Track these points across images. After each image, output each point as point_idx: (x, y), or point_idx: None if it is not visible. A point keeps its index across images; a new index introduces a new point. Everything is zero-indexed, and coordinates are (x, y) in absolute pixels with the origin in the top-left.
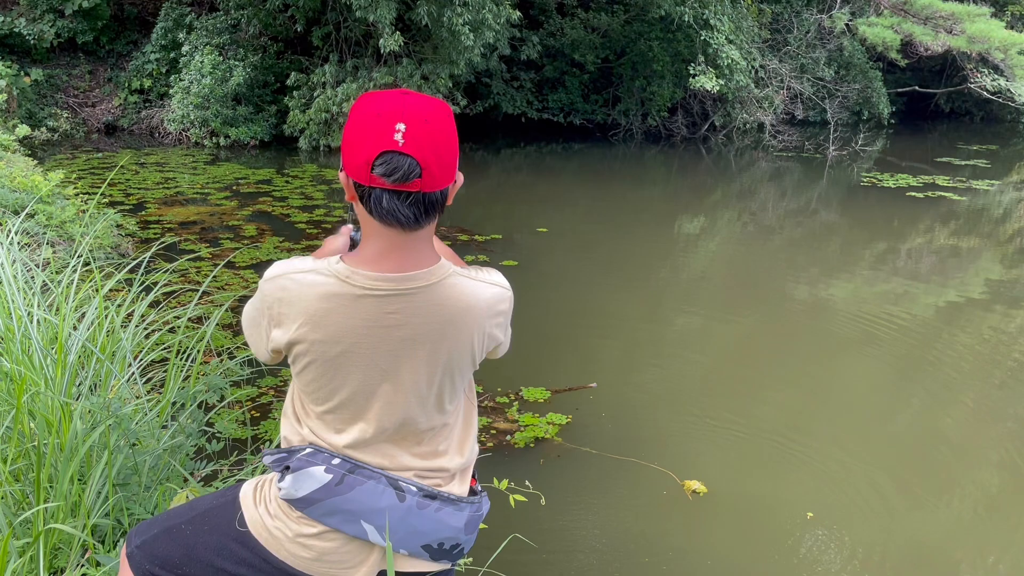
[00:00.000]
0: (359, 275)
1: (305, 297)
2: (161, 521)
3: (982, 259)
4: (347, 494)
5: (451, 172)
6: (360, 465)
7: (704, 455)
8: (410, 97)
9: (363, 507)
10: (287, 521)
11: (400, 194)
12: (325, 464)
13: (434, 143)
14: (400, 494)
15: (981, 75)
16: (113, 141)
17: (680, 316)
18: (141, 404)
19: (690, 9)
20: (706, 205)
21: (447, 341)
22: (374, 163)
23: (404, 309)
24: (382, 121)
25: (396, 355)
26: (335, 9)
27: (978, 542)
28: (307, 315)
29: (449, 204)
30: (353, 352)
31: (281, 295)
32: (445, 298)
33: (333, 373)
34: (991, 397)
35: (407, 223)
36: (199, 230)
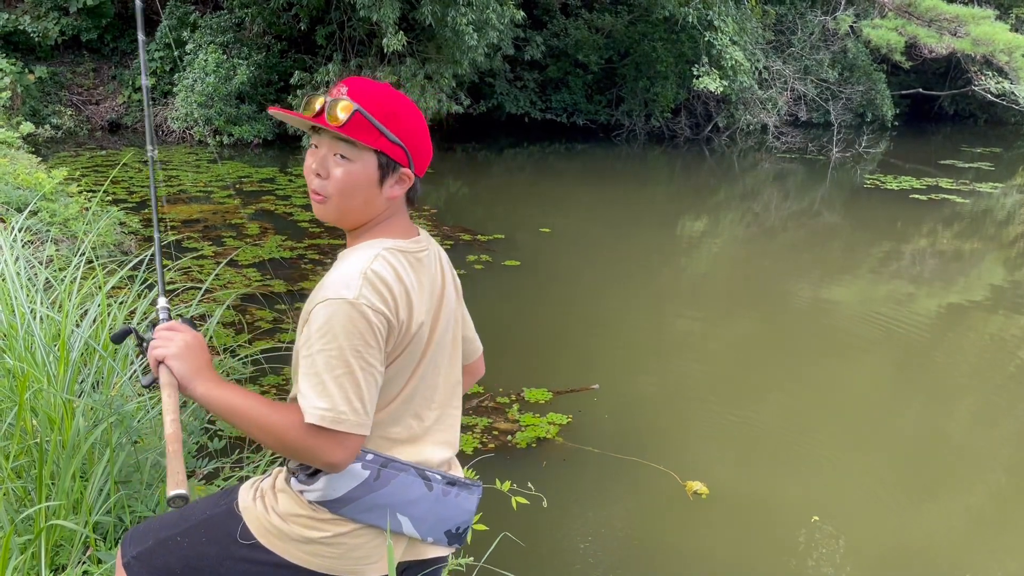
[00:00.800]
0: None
1: (394, 276)
2: (154, 531)
3: (985, 262)
4: (383, 489)
5: None
6: (391, 458)
7: (706, 456)
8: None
9: (398, 500)
10: (316, 523)
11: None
12: (360, 461)
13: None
14: (428, 484)
15: (985, 78)
16: (116, 139)
17: (682, 317)
18: (143, 402)
19: (694, 10)
20: (709, 206)
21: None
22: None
23: (437, 265)
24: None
25: (450, 306)
26: (339, 8)
27: (983, 545)
28: (405, 289)
29: None
30: (441, 313)
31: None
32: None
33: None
34: (994, 400)
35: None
36: (202, 228)
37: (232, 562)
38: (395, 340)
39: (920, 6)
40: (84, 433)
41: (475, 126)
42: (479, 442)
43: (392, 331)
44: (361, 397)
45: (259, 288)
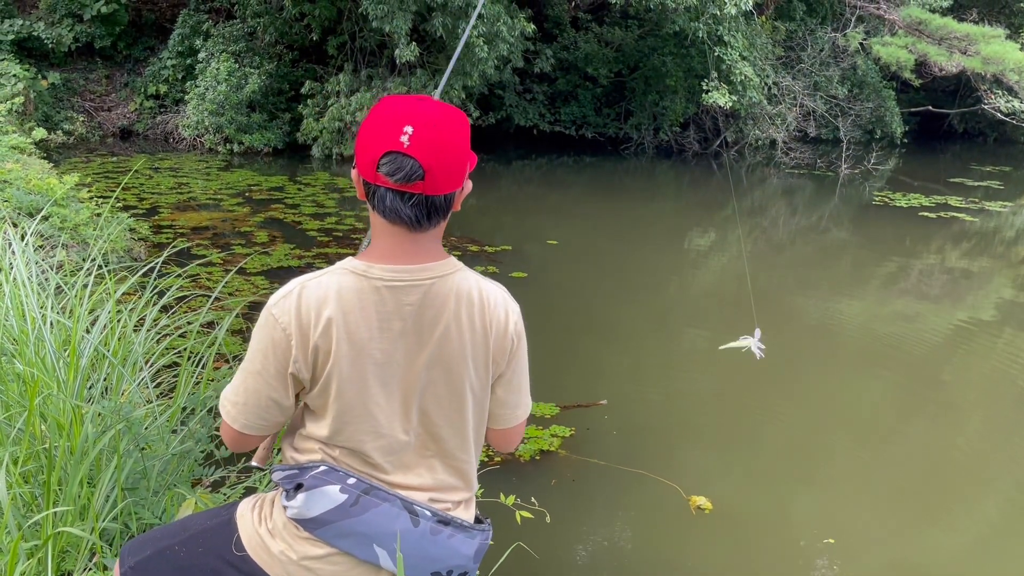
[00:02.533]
0: (376, 268)
1: (324, 296)
2: (154, 541)
3: (994, 281)
4: (361, 516)
5: (456, 178)
6: (375, 486)
7: (711, 471)
8: (426, 103)
9: (377, 530)
10: (292, 542)
11: (403, 194)
12: (340, 484)
13: (439, 148)
14: (415, 518)
15: (995, 96)
16: (128, 145)
17: (689, 331)
18: (151, 409)
19: (704, 25)
20: (717, 220)
21: (467, 333)
22: (379, 162)
23: (422, 301)
24: (392, 122)
25: (416, 347)
26: (351, 19)
27: (991, 565)
28: (330, 312)
29: (456, 210)
30: (377, 348)
31: (297, 304)
32: (459, 288)
33: (358, 373)
34: (1002, 418)
35: (410, 223)
36: (211, 235)
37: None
38: (307, 359)
39: (930, 24)
40: (92, 439)
41: (484, 138)
42: (485, 455)
43: (301, 349)
44: (240, 394)
45: (267, 296)
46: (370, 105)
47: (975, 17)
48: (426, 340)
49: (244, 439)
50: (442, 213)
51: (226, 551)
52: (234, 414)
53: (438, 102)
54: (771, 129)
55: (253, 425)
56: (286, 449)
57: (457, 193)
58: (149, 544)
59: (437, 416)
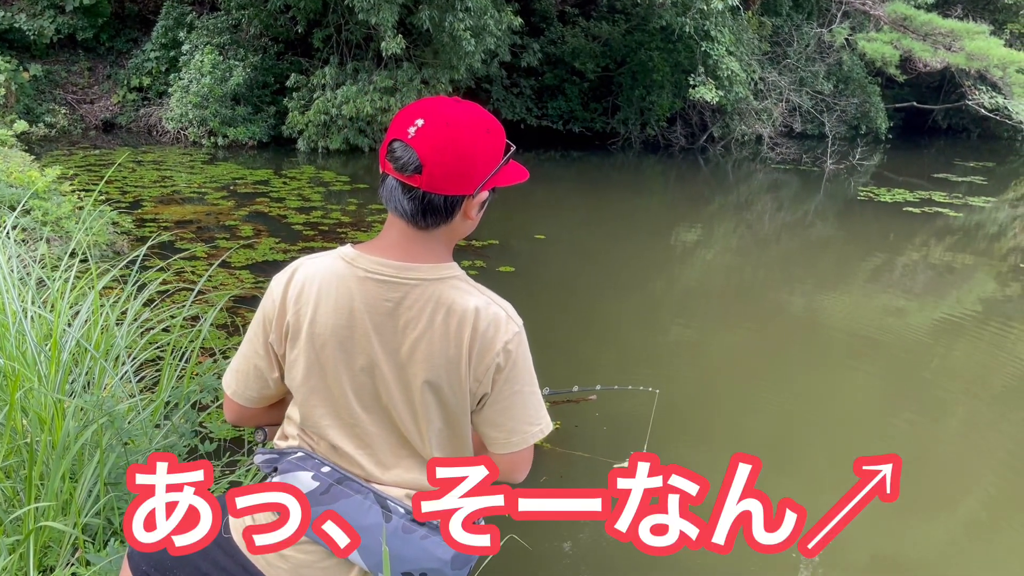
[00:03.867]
0: (364, 259)
1: (310, 277)
2: None
3: (977, 276)
4: (332, 505)
5: (462, 182)
6: (349, 477)
7: (696, 464)
8: (457, 104)
9: (347, 520)
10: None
11: (404, 185)
12: (314, 471)
13: (444, 146)
14: (386, 513)
15: (979, 92)
16: (111, 138)
17: (675, 325)
18: (134, 403)
19: (691, 20)
20: (703, 215)
21: (440, 341)
22: (388, 149)
23: (402, 299)
24: (410, 114)
25: (390, 345)
26: (336, 11)
27: (974, 558)
28: (309, 294)
29: (470, 219)
30: (350, 337)
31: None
32: (445, 296)
33: (326, 357)
34: (985, 412)
35: (406, 217)
36: (195, 229)
37: (212, 555)
38: (281, 333)
39: (915, 20)
40: (74, 434)
41: None
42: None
43: (278, 322)
44: (236, 360)
45: (252, 290)
46: (355, 98)
47: (959, 13)
48: (399, 339)
49: (238, 410)
50: (441, 214)
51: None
52: (228, 379)
53: (473, 106)
54: (757, 124)
55: (241, 393)
56: (277, 433)
57: (464, 199)
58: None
59: (406, 418)
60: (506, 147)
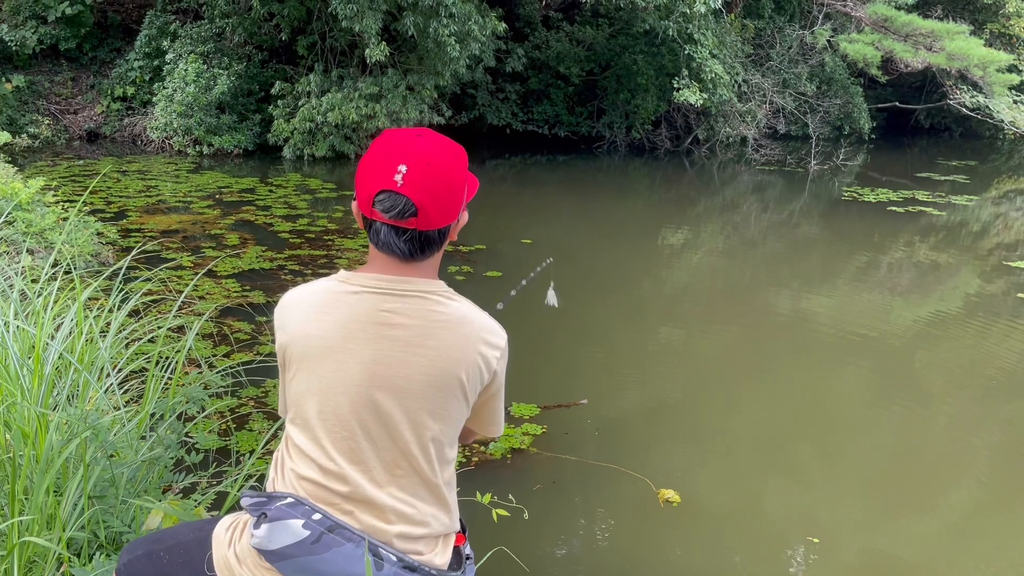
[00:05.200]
0: (357, 276)
1: (307, 299)
2: (149, 543)
3: (961, 273)
4: (322, 554)
5: (450, 213)
6: (340, 524)
7: (682, 465)
8: (423, 140)
9: (336, 570)
10: (255, 570)
11: (397, 229)
12: (304, 518)
13: (432, 186)
14: (378, 561)
15: (960, 92)
16: (95, 148)
17: (663, 327)
18: (119, 415)
19: (674, 23)
20: (689, 217)
21: (441, 349)
22: (375, 199)
23: (399, 309)
24: (388, 161)
25: (388, 356)
26: (320, 19)
27: (961, 554)
28: (306, 313)
29: (453, 239)
30: (347, 348)
31: (287, 304)
32: (440, 306)
33: (325, 369)
34: (971, 409)
35: (403, 256)
36: (181, 239)
37: None
38: (280, 353)
39: (896, 21)
40: (58, 448)
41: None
42: (463, 456)
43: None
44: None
45: (238, 300)
46: (341, 105)
47: (939, 13)
48: (399, 349)
49: None
50: (436, 245)
51: (199, 567)
52: (282, 409)
53: (436, 137)
54: (741, 126)
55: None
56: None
57: (452, 225)
58: (143, 545)
59: (405, 428)
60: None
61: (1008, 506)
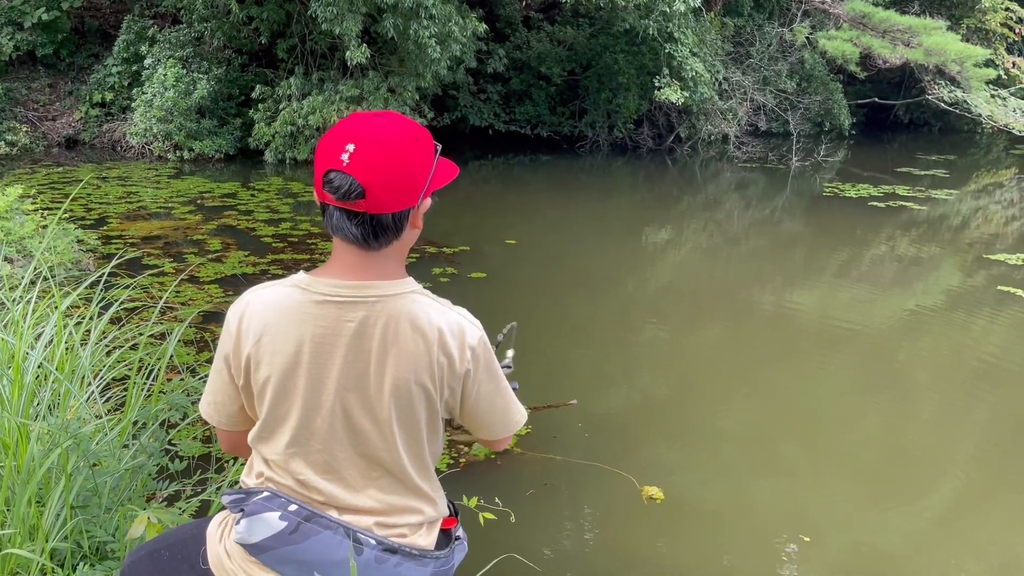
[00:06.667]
0: (319, 283)
1: (269, 308)
2: (151, 543)
3: (942, 267)
4: (301, 544)
5: (406, 196)
6: (317, 513)
7: (667, 462)
8: (379, 120)
9: (317, 558)
10: (243, 564)
11: (349, 213)
12: (281, 510)
13: (382, 166)
14: (358, 546)
15: (938, 87)
16: (74, 155)
17: (648, 325)
18: (101, 424)
19: (654, 23)
20: (673, 215)
21: (407, 357)
22: (323, 180)
23: (364, 318)
24: (337, 140)
25: (353, 366)
26: (300, 22)
27: (948, 546)
28: (268, 324)
29: (417, 228)
30: (312, 362)
31: (244, 313)
32: (406, 311)
33: (293, 386)
34: (954, 401)
35: (357, 241)
36: (162, 245)
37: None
38: (240, 367)
39: (874, 17)
40: (39, 458)
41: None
42: (449, 457)
43: (235, 357)
44: (209, 392)
45: (221, 305)
46: (322, 108)
47: (917, 9)
48: (364, 358)
49: (228, 437)
50: (392, 232)
51: (196, 562)
52: (208, 412)
53: (396, 118)
54: (723, 124)
55: (226, 421)
56: (246, 467)
57: (411, 211)
58: (146, 546)
59: (376, 436)
60: (434, 148)
61: (993, 496)
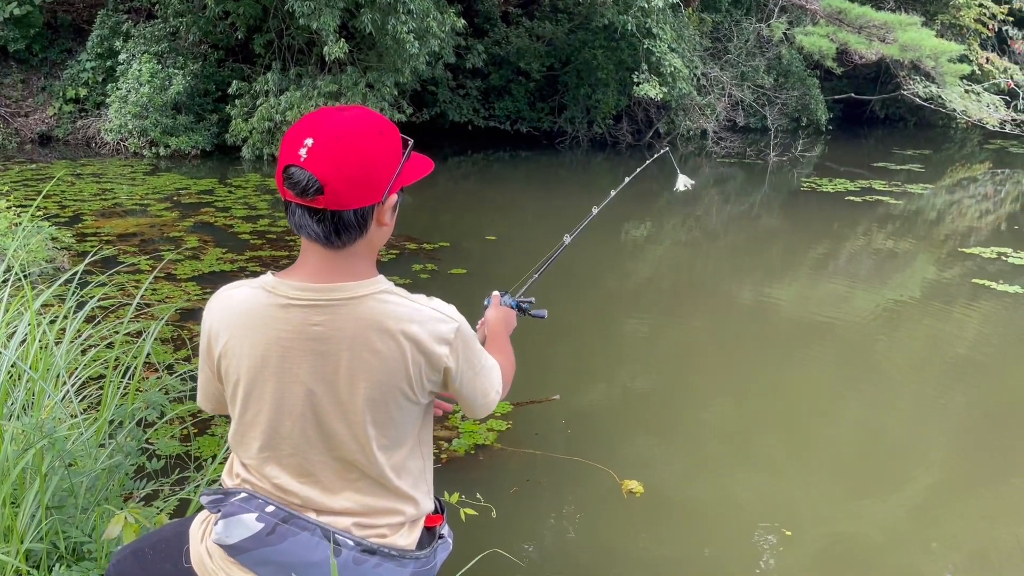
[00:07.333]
0: (285, 285)
1: (234, 310)
2: (137, 542)
3: (918, 260)
4: (278, 545)
5: (368, 192)
6: (295, 515)
7: (647, 456)
8: (342, 114)
9: (295, 560)
10: (223, 563)
11: (310, 209)
12: (258, 512)
13: (340, 160)
14: (336, 548)
15: (913, 82)
16: (48, 152)
17: (629, 321)
18: (77, 423)
19: (633, 18)
20: (652, 211)
21: (376, 359)
22: (283, 176)
23: (329, 322)
24: (297, 135)
25: (321, 371)
26: (277, 17)
27: (922, 540)
28: (234, 327)
29: (385, 226)
30: (279, 367)
31: (213, 313)
32: (374, 312)
33: (260, 390)
34: (930, 393)
35: (320, 240)
36: (139, 242)
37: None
38: (214, 368)
39: (850, 13)
40: (14, 458)
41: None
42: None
43: (208, 359)
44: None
45: (198, 302)
46: (300, 104)
47: (892, 5)
48: (333, 362)
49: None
50: (355, 229)
51: (178, 561)
52: (205, 404)
53: (361, 112)
54: (701, 119)
55: (221, 409)
56: (226, 467)
57: (376, 207)
58: (132, 544)
59: (349, 439)
60: (403, 143)
61: (968, 486)
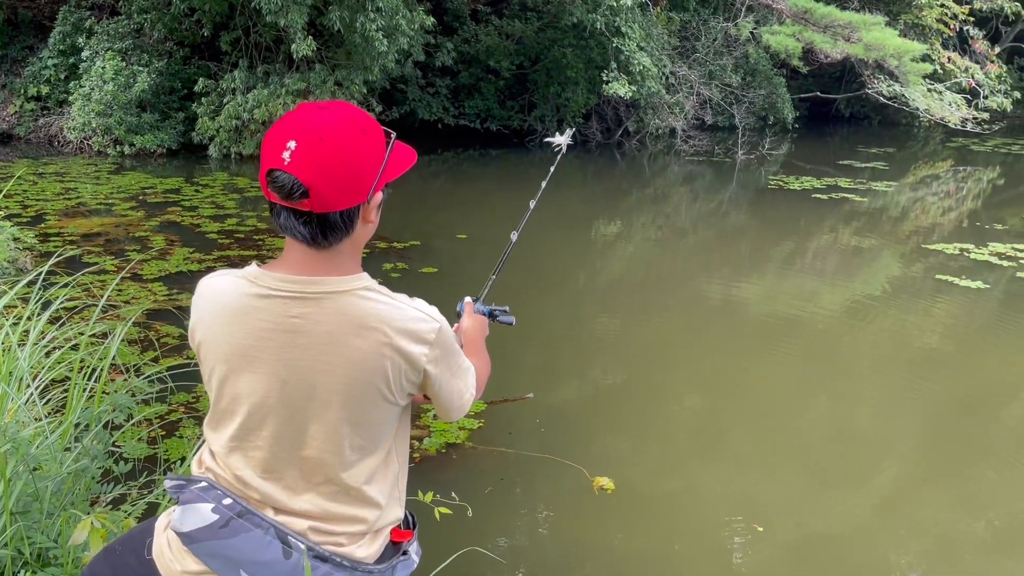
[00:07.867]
0: (267, 276)
1: (215, 298)
2: (113, 542)
3: (883, 256)
4: (230, 539)
5: (353, 193)
6: (251, 510)
7: (617, 453)
8: (324, 112)
9: (244, 556)
10: (178, 553)
11: (295, 212)
12: (215, 503)
13: (324, 163)
14: (287, 550)
15: (877, 81)
16: (8, 151)
17: (599, 318)
18: (41, 427)
19: (602, 17)
20: (622, 209)
21: (354, 356)
22: (267, 179)
23: (309, 315)
24: (279, 137)
25: (298, 364)
26: (244, 14)
27: (889, 531)
28: (214, 315)
29: (370, 223)
30: (256, 357)
31: (197, 301)
32: (354, 308)
33: (235, 379)
34: (894, 388)
35: (306, 241)
36: (103, 242)
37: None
38: (197, 351)
39: (815, 13)
40: None
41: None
42: None
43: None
44: None
45: (166, 303)
46: (267, 102)
47: (856, 5)
48: (309, 357)
49: None
50: (341, 230)
51: (141, 554)
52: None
53: (343, 109)
54: (670, 118)
55: None
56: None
57: (361, 207)
58: (107, 544)
59: (321, 437)
60: (386, 137)
61: (933, 478)
